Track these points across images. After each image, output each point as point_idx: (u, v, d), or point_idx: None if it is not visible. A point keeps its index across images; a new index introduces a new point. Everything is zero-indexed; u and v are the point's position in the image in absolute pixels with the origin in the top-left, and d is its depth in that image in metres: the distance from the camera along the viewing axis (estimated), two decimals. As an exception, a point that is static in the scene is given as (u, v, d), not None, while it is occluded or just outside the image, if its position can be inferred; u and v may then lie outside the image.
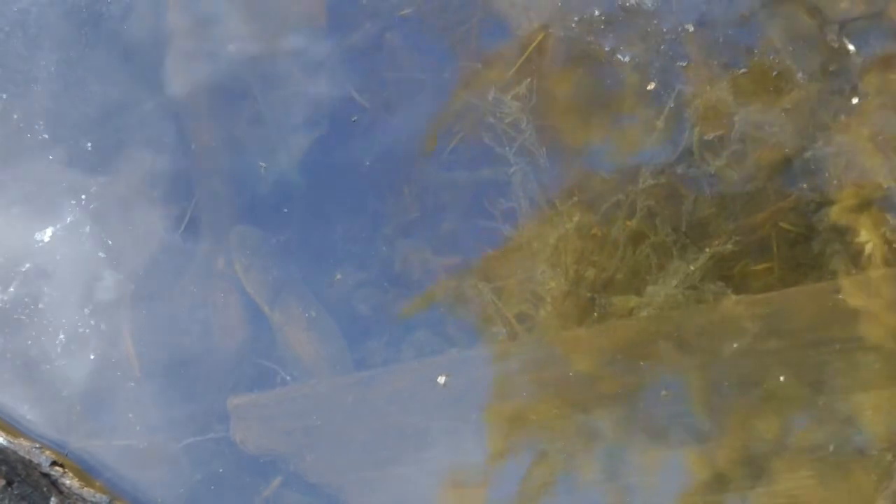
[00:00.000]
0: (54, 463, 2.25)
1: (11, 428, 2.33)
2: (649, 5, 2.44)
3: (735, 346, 2.19)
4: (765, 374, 2.17)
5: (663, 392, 2.19)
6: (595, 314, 2.28)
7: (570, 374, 2.23)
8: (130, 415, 2.34)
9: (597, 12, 2.46)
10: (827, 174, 2.29)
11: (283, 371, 2.34)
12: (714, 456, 2.16)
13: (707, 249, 2.27)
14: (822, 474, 2.11)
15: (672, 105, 2.38)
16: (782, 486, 2.12)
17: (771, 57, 2.40)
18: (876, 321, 2.16)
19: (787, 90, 2.37)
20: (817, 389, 2.14)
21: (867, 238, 2.23)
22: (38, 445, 2.28)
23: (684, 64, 2.42)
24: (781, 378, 2.15)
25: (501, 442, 2.24)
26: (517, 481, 2.22)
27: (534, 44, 2.48)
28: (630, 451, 2.19)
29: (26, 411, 2.35)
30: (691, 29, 2.43)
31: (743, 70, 2.40)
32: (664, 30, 2.47)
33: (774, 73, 2.40)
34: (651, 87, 2.40)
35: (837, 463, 2.10)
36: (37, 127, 2.55)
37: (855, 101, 2.34)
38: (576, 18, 2.47)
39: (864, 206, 2.26)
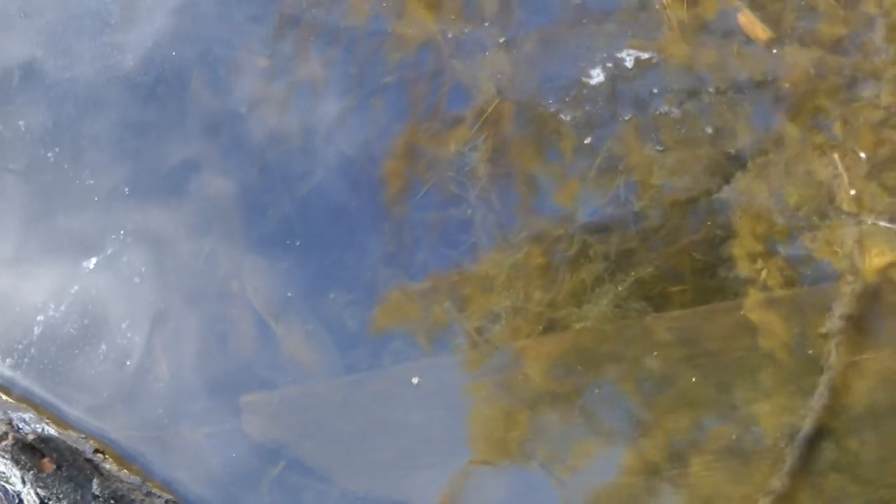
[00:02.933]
0: (97, 450, 2.35)
1: (61, 421, 2.41)
2: (677, 113, 2.48)
3: (655, 353, 2.30)
4: (679, 377, 2.28)
5: (596, 391, 2.29)
6: (541, 327, 2.36)
7: (520, 376, 2.33)
8: (160, 410, 2.42)
9: (627, 116, 2.51)
10: (730, 213, 2.40)
11: (285, 374, 2.41)
12: (638, 444, 2.25)
13: (632, 274, 2.37)
14: (725, 459, 2.20)
15: (605, 155, 2.48)
16: (692, 468, 2.22)
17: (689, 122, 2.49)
18: (770, 334, 2.28)
19: (698, 146, 2.48)
20: (722, 390, 2.24)
21: (762, 266, 2.33)
22: (83, 435, 2.38)
23: (619, 123, 2.51)
24: (693, 379, 2.26)
25: (464, 433, 2.32)
26: (476, 464, 2.29)
27: (491, 107, 2.58)
28: (570, 439, 2.27)
29: (74, 407, 2.43)
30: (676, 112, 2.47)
31: (664, 132, 2.50)
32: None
33: (684, 132, 2.49)
34: (588, 140, 2.51)
35: (739, 450, 2.20)
36: (83, 174, 2.65)
37: (754, 159, 2.43)
38: (590, 108, 2.50)
39: (760, 239, 2.36)
